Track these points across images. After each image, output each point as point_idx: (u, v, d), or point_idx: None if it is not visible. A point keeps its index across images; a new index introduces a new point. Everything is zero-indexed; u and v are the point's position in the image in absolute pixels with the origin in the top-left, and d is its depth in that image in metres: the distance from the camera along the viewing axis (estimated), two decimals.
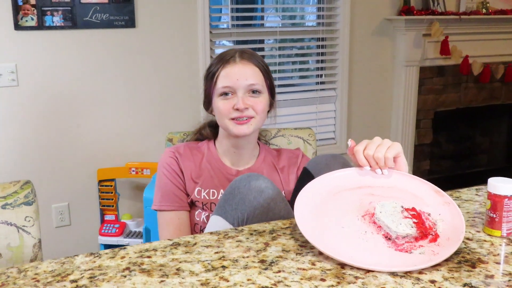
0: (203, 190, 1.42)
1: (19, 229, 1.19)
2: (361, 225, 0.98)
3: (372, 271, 0.86)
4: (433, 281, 0.83)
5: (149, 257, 0.92)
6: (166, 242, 0.99)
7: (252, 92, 1.39)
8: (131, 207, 2.99)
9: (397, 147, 1.08)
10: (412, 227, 0.95)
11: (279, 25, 3.33)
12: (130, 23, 2.79)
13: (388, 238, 0.95)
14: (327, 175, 1.10)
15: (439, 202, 1.03)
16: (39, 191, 2.69)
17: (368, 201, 1.04)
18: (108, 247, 2.80)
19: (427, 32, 3.50)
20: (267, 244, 0.98)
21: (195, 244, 0.98)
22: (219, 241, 0.99)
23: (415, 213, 0.99)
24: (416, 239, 0.94)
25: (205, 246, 0.97)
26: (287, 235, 1.01)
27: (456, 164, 4.18)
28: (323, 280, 0.83)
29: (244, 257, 0.92)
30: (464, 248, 0.95)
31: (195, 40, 2.96)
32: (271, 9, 3.45)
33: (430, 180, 3.69)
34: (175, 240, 1.00)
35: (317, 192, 1.05)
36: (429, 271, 0.86)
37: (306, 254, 0.93)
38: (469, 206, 1.18)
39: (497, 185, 0.98)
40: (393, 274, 0.85)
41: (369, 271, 0.86)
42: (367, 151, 1.07)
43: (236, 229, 1.05)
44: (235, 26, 3.15)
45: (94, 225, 2.90)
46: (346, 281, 0.83)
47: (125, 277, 0.85)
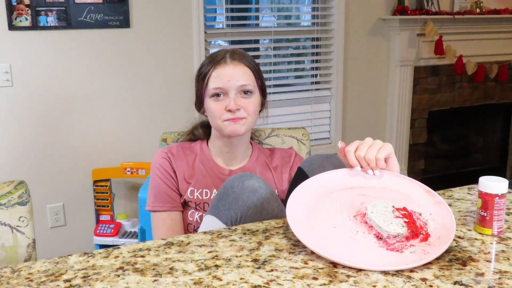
0: (196, 190, 1.42)
1: (13, 229, 1.19)
2: (352, 225, 0.99)
3: (363, 270, 0.86)
4: (424, 279, 0.83)
5: (143, 256, 0.93)
6: (159, 241, 0.99)
7: (243, 92, 1.40)
8: (126, 207, 2.99)
9: (388, 147, 1.09)
10: (403, 227, 0.96)
11: (274, 25, 3.33)
12: (124, 23, 2.79)
13: (379, 237, 0.95)
14: (319, 176, 1.11)
15: (430, 202, 1.04)
16: (34, 192, 2.69)
17: (359, 202, 1.04)
18: (103, 248, 2.78)
19: (421, 32, 3.51)
20: (260, 243, 0.98)
21: (189, 243, 0.98)
22: (213, 240, 1.00)
23: (406, 213, 1.00)
24: (407, 238, 0.95)
25: (198, 245, 0.97)
26: (280, 235, 1.02)
27: (450, 163, 4.20)
28: (315, 278, 0.84)
29: (237, 256, 0.92)
30: (455, 246, 0.96)
31: (190, 40, 2.97)
32: (266, 9, 3.46)
33: (424, 179, 3.69)
34: (169, 239, 1.00)
35: (309, 192, 1.06)
36: (420, 269, 0.87)
37: (298, 253, 0.93)
38: (460, 205, 1.19)
39: (488, 184, 0.99)
40: (385, 272, 0.86)
41: (361, 270, 0.86)
42: (358, 152, 1.08)
43: (229, 229, 1.06)
44: (230, 26, 3.15)
45: (89, 225, 2.90)
46: (338, 279, 0.84)
47: (119, 276, 0.85)
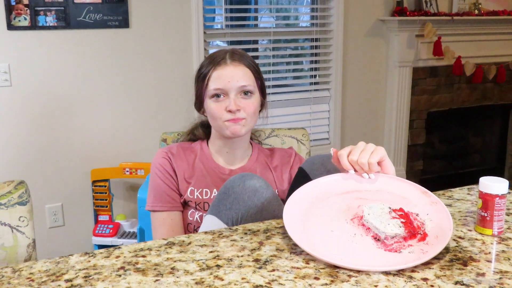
0: (196, 189, 1.42)
1: (13, 229, 1.19)
2: (350, 228, 0.99)
3: (363, 271, 0.86)
4: (425, 279, 0.83)
5: (144, 256, 0.93)
6: (160, 241, 0.99)
7: (243, 93, 1.40)
8: (125, 207, 2.98)
9: (380, 151, 1.08)
10: (400, 227, 0.96)
11: (273, 26, 3.34)
12: (123, 23, 2.79)
13: (377, 239, 0.96)
14: (314, 181, 1.11)
15: (426, 202, 1.04)
16: (33, 192, 2.68)
17: (356, 205, 1.05)
18: (102, 248, 2.79)
19: (420, 33, 3.52)
20: (261, 243, 0.98)
21: (190, 243, 0.98)
22: (214, 240, 1.00)
23: (403, 214, 1.00)
24: (405, 239, 0.95)
25: (199, 245, 0.97)
26: (281, 235, 1.02)
27: (449, 164, 4.21)
28: (316, 278, 0.84)
29: (238, 256, 0.92)
30: (455, 246, 0.96)
31: (189, 40, 2.97)
32: (265, 9, 3.46)
33: (423, 180, 3.69)
34: (170, 239, 1.00)
35: (305, 198, 1.06)
36: (421, 270, 0.87)
37: (300, 253, 0.93)
38: (461, 205, 1.19)
39: (488, 184, 0.99)
40: (386, 272, 0.86)
41: (361, 271, 0.87)
42: (351, 156, 1.08)
43: (230, 229, 1.06)
44: (229, 26, 3.15)
45: (88, 225, 2.90)
46: (339, 279, 0.84)
47: (120, 276, 0.85)
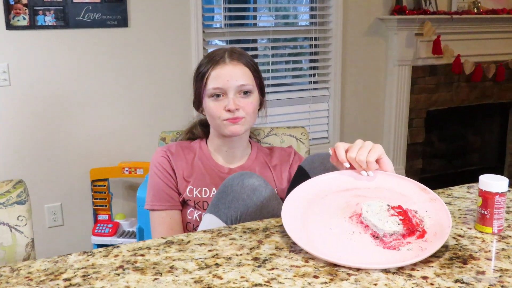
0: (195, 188, 1.42)
1: (11, 228, 1.19)
2: (348, 225, 0.99)
3: (362, 269, 0.86)
4: (425, 277, 0.83)
5: (143, 255, 0.92)
6: (159, 240, 0.99)
7: (242, 92, 1.40)
8: (124, 206, 2.98)
9: (378, 149, 1.08)
10: (398, 224, 0.96)
11: (272, 25, 3.33)
12: (122, 23, 2.78)
13: (375, 236, 0.95)
14: (313, 179, 1.11)
15: (425, 199, 1.04)
16: (32, 191, 2.68)
17: (354, 203, 1.04)
18: (101, 247, 2.80)
19: (419, 31, 3.51)
20: (260, 241, 0.98)
21: (189, 242, 0.98)
22: (213, 239, 0.99)
23: (402, 211, 0.99)
24: (403, 236, 0.95)
25: (198, 244, 0.97)
26: (280, 233, 1.02)
27: (448, 163, 4.21)
28: (316, 277, 0.84)
29: (237, 255, 0.92)
30: (455, 244, 0.96)
31: (188, 39, 2.96)
32: (264, 8, 3.46)
33: (422, 179, 3.69)
34: (169, 238, 1.00)
35: (303, 197, 1.06)
36: (421, 268, 0.86)
37: (299, 251, 0.93)
38: (460, 203, 1.19)
39: (488, 182, 0.99)
40: (386, 270, 0.86)
41: (360, 269, 0.86)
42: (349, 153, 1.08)
43: (229, 227, 1.06)
44: (228, 25, 3.15)
45: (87, 225, 2.90)
46: (339, 277, 0.83)
47: (119, 275, 0.85)
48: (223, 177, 1.41)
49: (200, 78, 1.43)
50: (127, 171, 2.79)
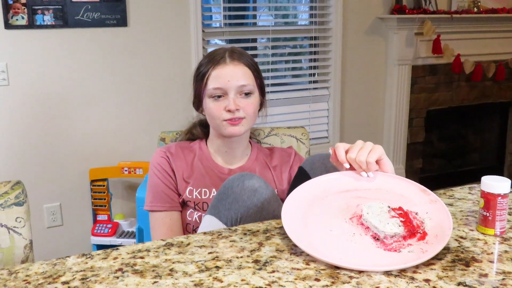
0: (194, 189, 1.41)
1: (9, 230, 1.18)
2: (349, 227, 0.98)
3: (364, 271, 0.85)
4: (427, 280, 0.82)
5: (142, 257, 0.92)
6: (159, 242, 0.98)
7: (243, 93, 1.39)
8: (123, 207, 2.97)
9: (378, 150, 1.07)
10: (399, 226, 0.95)
11: (272, 24, 3.32)
12: (122, 22, 2.77)
13: (376, 238, 0.94)
14: (313, 180, 1.10)
15: (425, 200, 1.03)
16: (31, 191, 2.68)
17: (355, 204, 1.03)
18: (100, 248, 2.80)
19: (419, 31, 3.50)
20: (261, 244, 0.97)
21: (189, 244, 0.97)
22: (213, 241, 0.99)
23: (402, 212, 0.99)
24: (404, 238, 0.94)
25: (198, 246, 0.96)
26: (281, 235, 1.01)
27: (448, 162, 4.20)
28: (317, 280, 0.83)
29: (238, 257, 0.91)
30: (457, 247, 0.95)
31: (187, 39, 2.95)
32: (264, 8, 3.45)
33: (422, 178, 3.68)
34: (168, 240, 0.99)
35: (303, 198, 1.05)
36: (423, 270, 0.86)
37: (300, 254, 0.92)
38: (462, 204, 1.18)
39: (490, 183, 0.98)
40: (387, 273, 0.85)
41: (362, 271, 0.85)
42: (350, 154, 1.07)
43: (229, 229, 1.05)
44: (227, 25, 3.14)
45: (86, 225, 2.89)
46: (340, 280, 0.83)
47: (118, 278, 0.84)
48: (223, 178, 1.40)
49: (200, 78, 1.42)
50: (126, 171, 2.78)
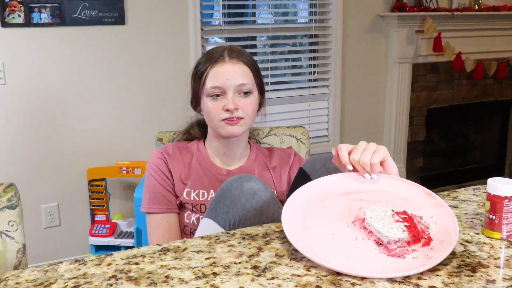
0: (192, 191, 1.38)
1: (2, 234, 1.15)
2: (351, 231, 0.95)
3: (367, 278, 0.82)
4: (432, 287, 0.79)
5: (137, 263, 0.88)
6: (154, 247, 0.95)
7: (242, 92, 1.35)
8: (122, 207, 2.94)
9: (383, 151, 1.04)
10: (404, 231, 0.92)
11: (271, 22, 3.29)
12: (119, 20, 2.74)
13: (379, 243, 0.91)
14: (314, 182, 1.07)
15: (430, 204, 1.00)
16: (28, 192, 2.67)
17: (357, 207, 1.00)
18: (99, 248, 2.77)
19: (419, 28, 3.47)
20: (260, 248, 0.94)
21: (185, 249, 0.94)
22: (210, 246, 0.95)
23: (407, 217, 0.95)
24: (408, 243, 0.91)
25: (195, 251, 0.93)
26: (280, 239, 0.98)
27: (449, 161, 4.17)
28: (318, 287, 0.80)
29: (236, 263, 0.88)
30: (463, 251, 0.92)
31: (186, 37, 2.92)
32: (263, 5, 3.41)
33: (423, 177, 3.64)
34: (164, 245, 0.96)
35: (304, 200, 1.02)
36: (428, 277, 0.83)
37: (300, 259, 0.89)
38: (467, 206, 1.15)
39: (497, 185, 0.95)
40: (391, 280, 0.82)
41: (365, 278, 0.82)
42: (353, 156, 1.03)
43: (228, 233, 1.02)
44: (226, 23, 3.11)
45: (84, 225, 2.86)
46: None
47: (111, 286, 0.81)
48: (221, 179, 1.37)
49: (198, 76, 1.39)
50: (124, 170, 2.75)
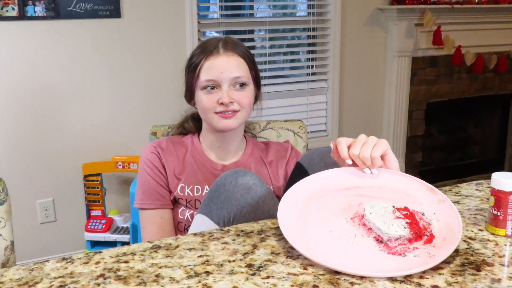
0: (186, 186, 1.34)
1: None
2: (350, 228, 0.91)
3: (366, 277, 0.79)
4: (435, 287, 0.76)
5: (127, 262, 0.85)
6: (145, 245, 0.91)
7: (238, 85, 1.32)
8: (118, 202, 2.91)
9: (383, 144, 0.99)
10: (405, 228, 0.88)
11: (269, 15, 3.25)
12: (115, 13, 2.70)
13: (379, 241, 0.88)
14: (311, 177, 1.03)
15: (433, 200, 0.96)
16: (23, 187, 2.63)
17: (357, 203, 0.96)
18: (94, 244, 2.74)
19: (419, 22, 3.43)
20: (255, 246, 0.90)
21: (177, 246, 0.90)
22: (203, 243, 0.92)
23: (408, 213, 0.91)
24: (410, 241, 0.87)
25: (187, 249, 0.90)
26: (276, 236, 0.94)
27: (448, 155, 4.14)
28: (316, 286, 0.76)
29: (229, 261, 0.84)
30: (467, 248, 0.88)
31: (182, 30, 2.88)
32: None
33: (422, 171, 3.60)
34: (156, 242, 0.92)
35: (301, 195, 0.98)
36: (431, 275, 0.79)
37: (297, 257, 0.86)
38: (469, 202, 1.11)
39: (502, 180, 0.92)
40: (392, 279, 0.78)
41: (364, 277, 0.79)
42: (352, 150, 0.99)
43: (222, 230, 0.98)
44: (224, 16, 3.07)
45: (80, 221, 2.83)
46: (340, 287, 0.76)
47: (99, 285, 0.77)
48: (216, 174, 1.34)
49: (192, 69, 1.36)
50: (120, 165, 2.72)
